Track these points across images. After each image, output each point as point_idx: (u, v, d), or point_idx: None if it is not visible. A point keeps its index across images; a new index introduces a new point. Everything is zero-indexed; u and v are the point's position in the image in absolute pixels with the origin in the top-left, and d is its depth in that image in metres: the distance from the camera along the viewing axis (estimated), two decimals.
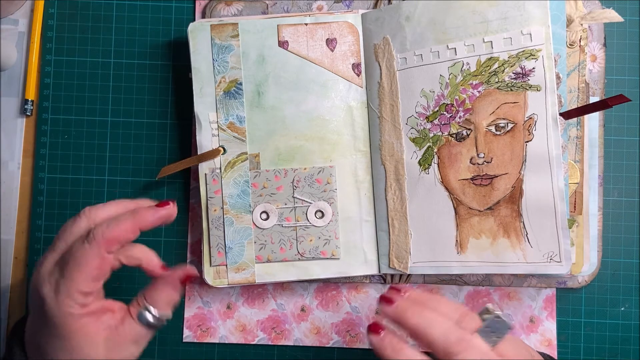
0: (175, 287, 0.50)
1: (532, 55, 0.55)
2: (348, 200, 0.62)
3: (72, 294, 0.46)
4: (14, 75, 0.67)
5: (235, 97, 0.62)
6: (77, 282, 0.46)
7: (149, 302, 0.49)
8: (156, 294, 0.50)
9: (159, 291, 0.50)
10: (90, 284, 0.47)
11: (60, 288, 0.46)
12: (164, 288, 0.50)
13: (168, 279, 0.50)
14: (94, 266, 0.46)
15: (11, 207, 0.66)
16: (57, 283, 0.46)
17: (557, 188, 0.55)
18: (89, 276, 0.46)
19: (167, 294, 0.50)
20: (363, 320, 0.65)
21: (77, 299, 0.46)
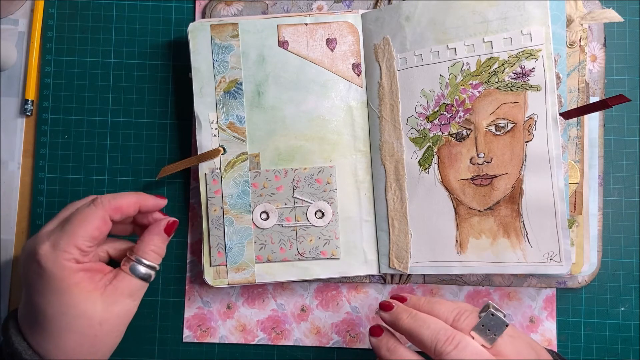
0: (161, 237, 0.55)
1: (532, 55, 0.55)
2: (348, 200, 0.62)
3: (70, 248, 0.50)
4: (14, 75, 0.67)
5: (235, 97, 0.62)
6: (77, 237, 0.50)
7: (139, 255, 0.54)
8: (144, 245, 0.54)
9: (147, 242, 0.54)
10: (88, 242, 0.51)
11: (59, 243, 0.50)
12: (151, 238, 0.55)
13: (153, 230, 0.55)
14: (95, 225, 0.51)
15: (11, 207, 0.66)
16: (56, 239, 0.50)
17: (557, 188, 0.55)
18: (89, 234, 0.51)
19: (155, 244, 0.55)
20: (363, 320, 0.65)
21: (74, 254, 0.50)
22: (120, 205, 0.53)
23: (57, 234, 0.51)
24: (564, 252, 0.55)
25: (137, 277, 0.53)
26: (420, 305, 0.52)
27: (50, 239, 0.51)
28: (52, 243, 0.50)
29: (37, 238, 0.52)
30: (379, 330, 0.53)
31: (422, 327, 0.49)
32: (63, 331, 0.50)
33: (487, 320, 0.48)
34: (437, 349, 0.47)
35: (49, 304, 0.50)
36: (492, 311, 0.48)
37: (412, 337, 0.50)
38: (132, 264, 0.53)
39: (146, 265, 0.54)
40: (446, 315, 0.50)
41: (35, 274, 0.50)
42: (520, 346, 0.48)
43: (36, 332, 0.50)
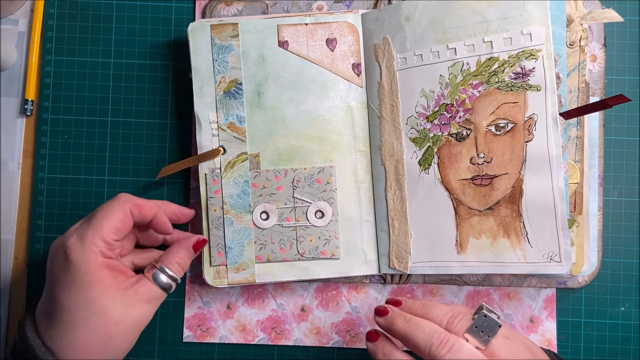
0: (188, 252, 0.58)
1: (532, 55, 0.55)
2: (348, 200, 0.62)
3: (97, 241, 0.52)
4: (14, 75, 0.67)
5: (235, 97, 0.62)
6: (103, 230, 0.52)
7: (164, 264, 0.56)
8: (171, 256, 0.56)
9: (173, 254, 0.57)
10: (113, 235, 0.53)
11: (85, 235, 0.52)
12: (178, 251, 0.57)
13: (182, 244, 0.58)
14: (118, 218, 0.54)
15: (11, 207, 0.66)
16: (83, 232, 0.52)
17: (557, 188, 0.55)
18: (113, 225, 0.53)
19: (180, 258, 0.57)
20: (363, 320, 0.65)
21: (100, 246, 0.52)
22: (140, 203, 0.56)
23: (84, 228, 0.53)
24: (564, 252, 0.55)
25: (158, 285, 0.54)
26: (414, 309, 0.53)
27: (77, 233, 0.53)
28: (79, 236, 0.52)
29: (66, 233, 0.54)
30: (375, 336, 0.54)
31: (417, 331, 0.49)
32: (79, 327, 0.51)
33: (480, 322, 0.48)
34: (432, 352, 0.48)
35: (70, 298, 0.51)
36: (485, 312, 0.48)
37: (407, 341, 0.50)
38: (155, 271, 0.55)
39: (168, 276, 0.55)
40: (440, 319, 0.51)
41: (61, 267, 0.52)
42: (515, 347, 0.49)
43: (52, 326, 0.51)
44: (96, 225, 0.53)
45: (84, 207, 0.66)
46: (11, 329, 0.66)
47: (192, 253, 0.58)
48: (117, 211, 0.54)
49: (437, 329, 0.49)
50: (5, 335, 0.65)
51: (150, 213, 0.56)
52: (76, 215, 0.66)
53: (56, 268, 0.53)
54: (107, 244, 0.53)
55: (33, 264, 0.66)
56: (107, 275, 0.52)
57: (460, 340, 0.48)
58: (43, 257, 0.66)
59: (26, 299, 0.66)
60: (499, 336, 0.48)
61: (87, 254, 0.51)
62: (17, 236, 0.66)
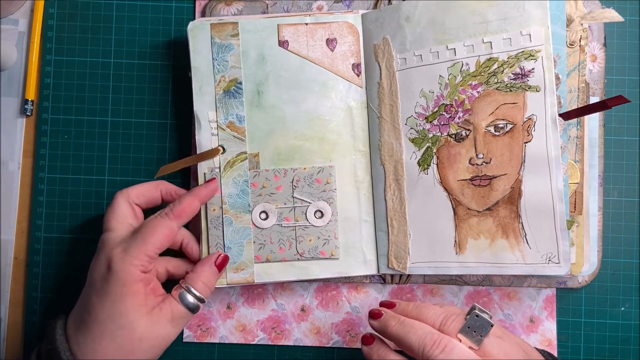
0: (212, 269, 0.58)
1: (532, 55, 0.55)
2: (347, 200, 0.62)
3: (140, 255, 0.53)
4: (14, 75, 0.67)
5: (235, 97, 0.62)
6: (148, 245, 0.54)
7: (189, 283, 0.57)
8: (196, 277, 0.57)
9: (199, 274, 0.58)
10: (156, 250, 0.55)
11: (130, 249, 0.54)
12: (203, 270, 0.58)
13: (205, 262, 0.59)
14: (165, 234, 0.55)
15: (11, 207, 0.66)
16: (128, 245, 0.54)
17: (555, 189, 0.55)
18: (159, 242, 0.55)
19: (206, 277, 0.58)
20: (363, 320, 0.65)
21: (142, 260, 0.53)
22: (184, 209, 0.57)
23: (129, 241, 0.54)
24: (563, 253, 0.55)
25: (184, 305, 0.55)
26: (408, 311, 0.53)
27: (121, 245, 0.54)
28: (123, 249, 0.54)
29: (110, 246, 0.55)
30: (370, 339, 0.55)
31: (410, 333, 0.50)
32: (105, 338, 0.52)
33: (473, 322, 0.49)
34: (425, 353, 0.48)
35: (103, 308, 0.52)
36: (477, 312, 0.49)
37: (401, 343, 0.51)
38: (181, 291, 0.56)
39: (195, 296, 0.56)
40: (433, 320, 0.51)
41: (101, 276, 0.54)
42: (508, 346, 0.49)
43: (80, 332, 0.53)
44: (141, 240, 0.54)
45: (84, 207, 0.66)
46: (11, 329, 0.66)
47: (216, 271, 0.59)
48: (164, 228, 0.56)
49: (430, 330, 0.50)
50: (5, 335, 0.66)
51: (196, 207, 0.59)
52: (76, 215, 0.66)
53: (96, 275, 0.54)
54: (149, 258, 0.54)
55: (33, 264, 0.66)
56: (141, 290, 0.53)
57: (453, 341, 0.48)
58: (43, 257, 0.66)
59: (26, 299, 0.66)
60: (492, 336, 0.49)
61: (128, 266, 0.53)
62: (17, 236, 0.66)
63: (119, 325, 0.52)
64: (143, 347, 0.53)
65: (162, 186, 0.60)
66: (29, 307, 0.66)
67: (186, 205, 0.58)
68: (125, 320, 0.52)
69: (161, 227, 0.55)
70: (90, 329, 0.52)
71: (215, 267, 0.59)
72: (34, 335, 0.65)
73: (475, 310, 0.49)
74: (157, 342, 0.54)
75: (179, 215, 0.57)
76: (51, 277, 0.66)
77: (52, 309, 0.65)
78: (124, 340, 0.52)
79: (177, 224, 0.57)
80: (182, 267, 0.61)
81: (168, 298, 0.55)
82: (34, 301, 0.66)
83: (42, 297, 0.66)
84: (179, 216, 0.57)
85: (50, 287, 0.66)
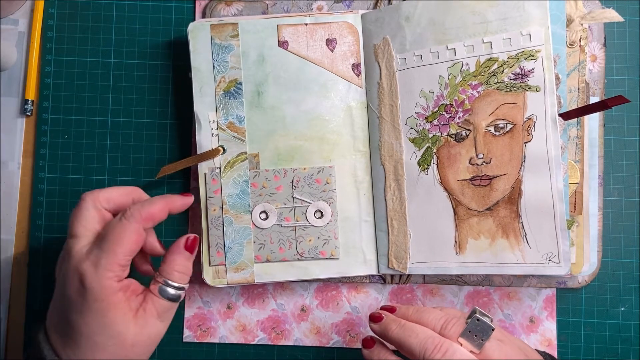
0: (183, 256, 0.55)
1: (532, 56, 0.55)
2: (347, 201, 0.62)
3: (113, 266, 0.51)
4: (14, 75, 0.67)
5: (235, 97, 0.62)
6: (118, 254, 0.51)
7: (165, 277, 0.54)
8: (170, 267, 0.55)
9: (172, 264, 0.55)
10: (127, 257, 0.52)
11: (100, 262, 0.51)
12: (173, 259, 0.55)
13: (174, 250, 0.55)
14: (133, 240, 0.52)
15: (11, 207, 0.66)
16: (97, 259, 0.51)
17: (555, 189, 0.55)
18: (128, 249, 0.52)
19: (178, 264, 0.55)
20: (363, 320, 0.65)
21: (116, 271, 0.51)
22: (152, 214, 0.54)
23: (97, 254, 0.51)
24: (563, 253, 0.55)
25: (166, 298, 0.54)
26: (408, 315, 0.53)
27: (90, 259, 0.51)
28: (92, 263, 0.51)
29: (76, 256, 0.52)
30: (370, 342, 0.55)
31: (411, 337, 0.50)
32: (97, 350, 0.51)
33: (474, 326, 0.49)
34: (426, 356, 0.48)
35: (86, 323, 0.51)
36: (478, 316, 0.49)
37: (402, 347, 0.51)
38: (159, 286, 0.54)
39: (173, 287, 0.54)
40: (434, 324, 0.51)
41: (76, 292, 0.51)
42: (508, 350, 0.49)
43: (68, 346, 0.52)
44: (110, 251, 0.51)
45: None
46: (11, 329, 0.66)
47: (188, 255, 0.56)
48: (130, 233, 0.52)
49: (431, 334, 0.50)
50: (5, 335, 0.66)
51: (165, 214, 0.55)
52: None
53: (70, 291, 0.52)
54: (122, 267, 0.52)
55: (33, 264, 0.66)
56: (121, 298, 0.52)
57: (454, 345, 0.48)
58: (43, 257, 0.66)
59: (26, 299, 0.66)
60: (493, 339, 0.49)
61: (103, 281, 0.50)
62: (17, 236, 0.66)
63: (108, 336, 0.51)
64: (136, 351, 0.52)
65: (135, 194, 0.57)
66: (29, 307, 0.66)
67: (157, 211, 0.54)
68: (113, 330, 0.51)
69: (129, 233, 0.52)
70: (78, 343, 0.51)
71: (187, 251, 0.56)
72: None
73: (476, 314, 0.49)
74: (150, 341, 0.54)
75: (147, 219, 0.53)
76: (51, 277, 0.66)
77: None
78: (116, 349, 0.51)
79: (144, 226, 0.53)
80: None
81: (149, 296, 0.53)
82: (34, 301, 0.66)
83: (42, 297, 0.66)
84: (147, 220, 0.53)
85: (50, 287, 0.66)
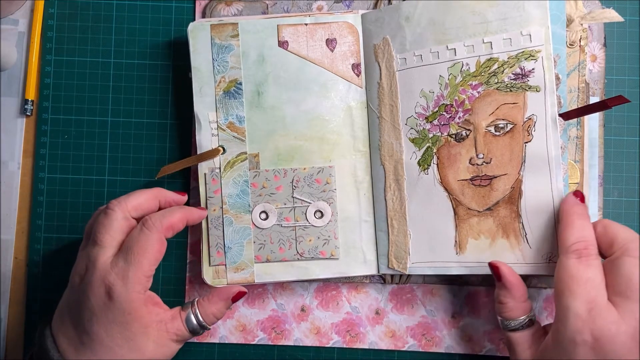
0: (226, 303, 0.57)
1: (532, 56, 0.55)
2: (347, 201, 0.62)
3: (140, 279, 0.52)
4: (14, 75, 0.67)
5: (235, 97, 0.62)
6: (144, 266, 0.52)
7: (200, 311, 0.55)
8: (207, 305, 0.56)
9: (212, 303, 0.56)
10: (152, 267, 0.53)
11: (128, 275, 0.51)
12: (217, 302, 0.56)
13: (222, 295, 0.57)
14: (157, 249, 0.53)
15: (11, 207, 0.66)
16: (124, 271, 0.51)
17: (556, 189, 0.55)
18: (153, 259, 0.53)
19: (217, 308, 0.56)
20: (363, 320, 0.65)
21: (143, 283, 0.52)
22: (173, 224, 0.55)
23: (123, 267, 0.52)
24: None
25: (188, 327, 0.55)
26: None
27: (116, 271, 0.52)
28: (120, 276, 0.51)
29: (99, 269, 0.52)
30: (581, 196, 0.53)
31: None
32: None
33: None
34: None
35: (109, 334, 0.52)
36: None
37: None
38: (188, 313, 0.55)
39: (200, 324, 0.55)
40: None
41: (101, 304, 0.52)
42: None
43: (83, 354, 0.52)
44: (136, 263, 0.52)
45: (84, 207, 0.66)
46: (11, 329, 0.66)
47: (229, 304, 0.57)
48: (154, 243, 0.53)
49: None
50: (5, 335, 0.66)
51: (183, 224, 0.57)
52: (76, 215, 0.66)
53: (94, 302, 0.52)
54: (148, 278, 0.53)
55: (33, 264, 0.66)
56: (145, 312, 0.52)
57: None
58: (43, 257, 0.66)
59: (26, 299, 0.66)
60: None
61: (131, 295, 0.51)
62: (17, 236, 0.66)
63: (129, 348, 0.52)
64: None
65: (161, 195, 0.58)
66: (29, 307, 0.66)
67: (177, 221, 0.56)
68: (135, 344, 0.52)
69: (152, 243, 0.53)
70: (95, 352, 0.51)
71: (231, 301, 0.57)
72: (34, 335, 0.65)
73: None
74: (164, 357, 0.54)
75: (168, 229, 0.55)
76: (51, 277, 0.66)
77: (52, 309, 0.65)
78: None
79: (165, 236, 0.55)
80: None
81: (176, 318, 0.54)
82: (34, 301, 0.66)
83: (42, 297, 0.66)
84: (168, 230, 0.55)
85: (50, 287, 0.66)
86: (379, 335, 0.65)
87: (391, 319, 0.65)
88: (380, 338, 0.65)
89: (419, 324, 0.65)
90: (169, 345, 0.54)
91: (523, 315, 0.55)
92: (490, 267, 0.56)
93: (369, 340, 0.65)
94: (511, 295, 0.54)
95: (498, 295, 0.55)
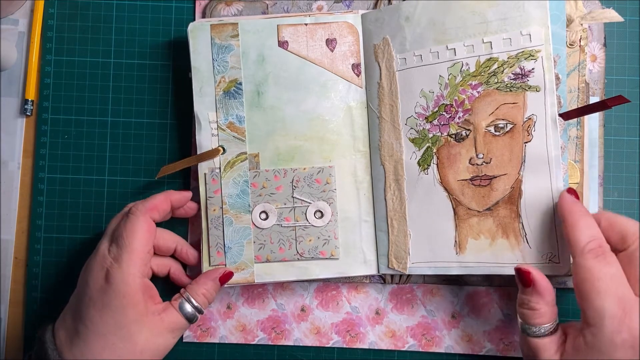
0: (214, 283, 0.59)
1: (532, 56, 0.55)
2: (347, 201, 0.62)
3: (134, 260, 0.54)
4: (14, 75, 0.67)
5: (235, 97, 0.62)
6: (135, 246, 0.54)
7: (190, 293, 0.57)
8: (197, 287, 0.58)
9: (200, 285, 0.58)
10: (145, 249, 0.55)
11: (122, 257, 0.54)
12: (205, 282, 0.58)
13: (209, 275, 0.59)
14: (145, 229, 0.55)
15: (11, 207, 0.66)
16: (117, 255, 0.54)
17: (556, 189, 0.55)
18: (143, 240, 0.55)
19: (207, 289, 0.58)
20: (363, 320, 0.65)
21: (137, 265, 0.54)
22: (155, 204, 0.58)
23: (116, 251, 0.54)
24: (563, 252, 0.55)
25: (183, 315, 0.56)
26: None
27: (111, 256, 0.54)
28: (115, 259, 0.54)
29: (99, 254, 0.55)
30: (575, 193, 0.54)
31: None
32: (105, 350, 0.52)
33: None
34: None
35: (103, 321, 0.52)
36: None
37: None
38: (181, 300, 0.57)
39: (194, 306, 0.57)
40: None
41: (98, 289, 0.53)
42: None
43: (75, 343, 0.52)
44: (127, 245, 0.54)
45: (84, 207, 0.66)
46: (11, 329, 0.66)
47: (218, 285, 0.59)
48: (140, 224, 0.55)
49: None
50: (5, 335, 0.66)
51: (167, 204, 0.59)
52: (76, 215, 0.66)
53: (92, 289, 0.54)
54: (142, 260, 0.55)
55: (33, 264, 0.66)
56: (141, 299, 0.53)
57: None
58: (43, 257, 0.66)
59: (26, 299, 0.66)
60: None
61: (127, 277, 0.53)
62: (17, 236, 0.66)
63: (120, 337, 0.52)
64: (144, 358, 0.53)
65: (172, 197, 0.60)
66: (29, 307, 0.66)
67: (159, 202, 0.58)
68: (127, 332, 0.52)
69: (139, 225, 0.55)
70: (87, 341, 0.52)
71: (219, 282, 0.59)
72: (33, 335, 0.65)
73: None
74: (157, 352, 0.55)
75: (152, 209, 0.57)
76: (51, 277, 0.66)
77: (52, 309, 0.65)
78: (125, 353, 0.52)
79: (152, 217, 0.57)
80: (165, 265, 0.61)
81: (169, 308, 0.56)
82: (34, 301, 0.66)
83: (42, 297, 0.66)
84: (152, 210, 0.57)
85: (50, 287, 0.66)
86: (379, 335, 0.65)
87: (391, 319, 0.65)
88: (380, 338, 0.65)
89: (419, 324, 0.65)
90: (164, 336, 0.54)
91: (553, 320, 0.53)
92: (517, 273, 0.54)
93: (369, 340, 0.65)
94: (544, 301, 0.52)
95: (528, 302, 0.53)
